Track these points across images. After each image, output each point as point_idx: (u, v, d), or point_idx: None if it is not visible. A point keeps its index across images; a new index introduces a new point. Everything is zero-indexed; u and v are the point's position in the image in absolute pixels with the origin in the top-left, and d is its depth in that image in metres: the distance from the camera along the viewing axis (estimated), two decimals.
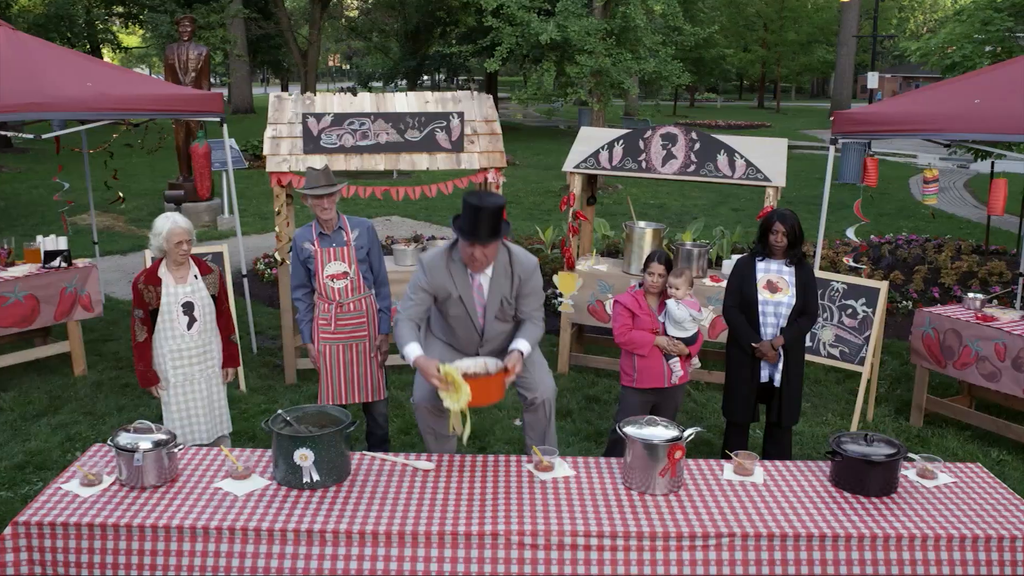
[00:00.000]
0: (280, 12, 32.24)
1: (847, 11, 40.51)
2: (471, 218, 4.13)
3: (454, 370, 3.97)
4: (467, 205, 4.15)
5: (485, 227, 4.13)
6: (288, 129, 6.85)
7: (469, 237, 4.15)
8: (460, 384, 3.92)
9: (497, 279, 4.40)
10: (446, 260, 4.35)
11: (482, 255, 4.22)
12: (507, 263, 4.41)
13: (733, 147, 6.63)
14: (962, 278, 10.19)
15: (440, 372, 3.98)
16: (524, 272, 4.45)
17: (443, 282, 4.35)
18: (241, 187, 17.19)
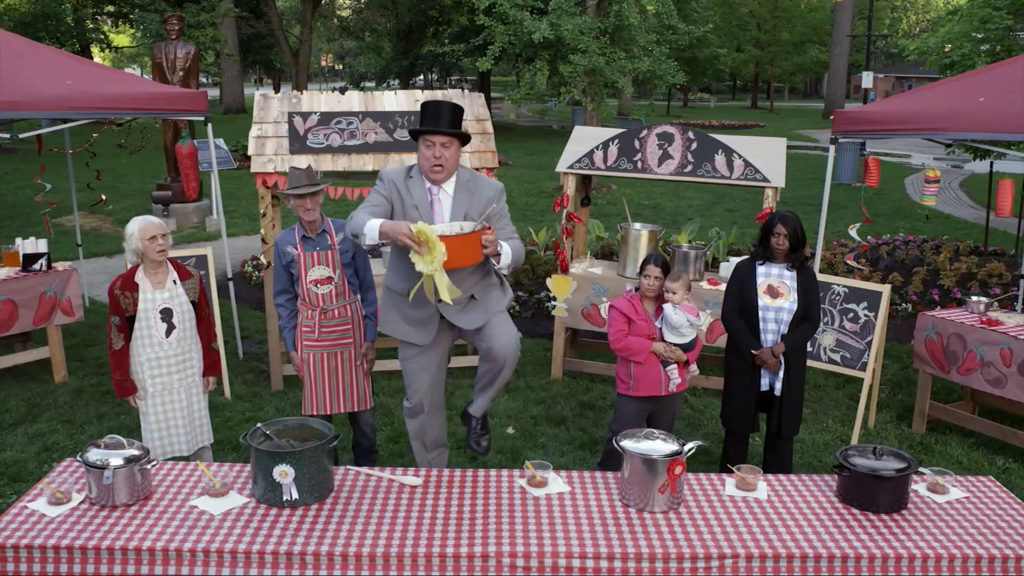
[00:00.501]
0: (271, 11, 32.02)
1: (841, 11, 40.46)
2: (431, 109, 4.10)
3: (428, 228, 3.68)
4: (426, 103, 4.15)
5: (446, 116, 4.08)
6: (274, 128, 6.66)
7: (429, 124, 4.07)
8: (435, 243, 3.66)
9: (458, 196, 4.23)
10: (404, 175, 4.23)
11: (442, 153, 4.08)
12: (469, 180, 4.28)
13: (731, 147, 6.46)
14: (961, 280, 10.05)
15: (412, 231, 3.70)
16: (488, 192, 4.27)
17: (401, 192, 4.18)
18: (230, 187, 16.99)
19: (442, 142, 4.08)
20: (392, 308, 4.38)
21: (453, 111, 4.12)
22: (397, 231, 3.76)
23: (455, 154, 4.16)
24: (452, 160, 4.14)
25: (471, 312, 4.28)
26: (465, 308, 4.27)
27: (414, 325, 4.34)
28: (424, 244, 3.68)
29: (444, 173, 4.14)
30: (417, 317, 4.31)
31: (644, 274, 4.85)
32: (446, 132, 4.08)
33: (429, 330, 4.33)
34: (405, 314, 4.32)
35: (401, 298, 4.27)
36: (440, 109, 4.09)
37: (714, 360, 7.33)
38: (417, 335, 4.35)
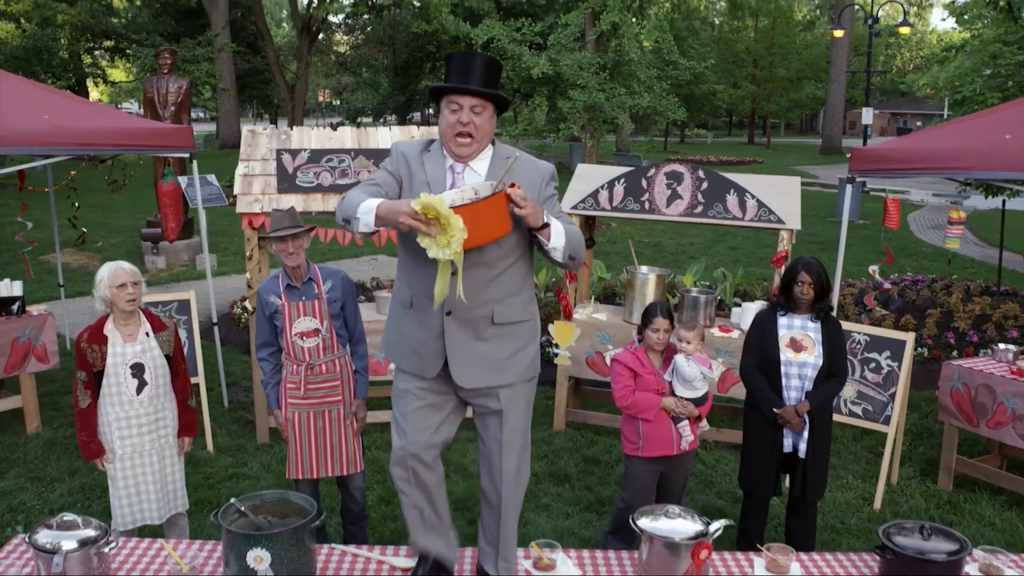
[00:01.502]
0: (267, 46, 31.94)
1: (837, 47, 40.52)
2: (459, 62, 3.23)
3: (434, 199, 2.81)
4: (453, 55, 3.30)
5: (478, 72, 3.19)
6: (261, 166, 6.33)
7: (455, 80, 3.19)
8: (448, 216, 2.79)
9: (495, 170, 3.28)
10: (420, 148, 3.38)
11: (471, 119, 3.18)
12: (509, 156, 3.26)
13: (743, 186, 6.13)
14: (976, 322, 9.71)
15: (415, 208, 2.83)
16: (533, 175, 3.30)
17: (412, 166, 3.32)
18: (223, 224, 16.65)
19: (472, 105, 3.17)
20: (393, 324, 3.51)
21: (488, 65, 3.22)
22: (396, 211, 2.90)
23: (488, 122, 3.24)
24: (484, 129, 3.22)
25: (480, 353, 3.29)
26: (477, 338, 3.28)
27: (416, 349, 3.37)
28: (435, 222, 2.83)
29: (474, 145, 3.23)
30: (421, 337, 3.34)
31: (652, 327, 4.47)
32: (478, 92, 3.17)
33: (435, 361, 3.34)
34: (406, 332, 3.41)
35: (404, 311, 3.40)
36: (470, 63, 3.20)
37: (725, 410, 6.96)
38: (418, 362, 3.36)
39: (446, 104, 3.21)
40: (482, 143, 3.27)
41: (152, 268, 13.17)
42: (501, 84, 4.00)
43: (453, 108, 3.19)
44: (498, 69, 3.30)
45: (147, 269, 13.11)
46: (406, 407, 3.40)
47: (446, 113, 3.22)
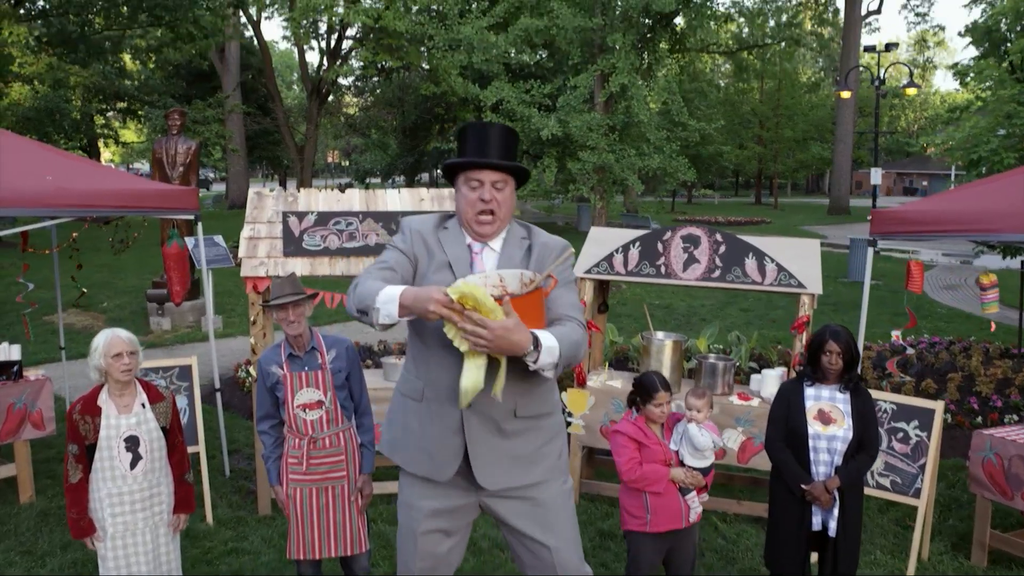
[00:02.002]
0: (277, 108, 32.25)
1: (844, 108, 40.79)
2: (476, 133, 3.02)
3: (477, 289, 2.61)
4: (467, 126, 3.09)
5: (496, 143, 2.99)
6: (267, 229, 6.19)
7: (473, 154, 2.98)
8: (492, 309, 2.61)
9: (508, 253, 3.09)
10: (435, 225, 3.14)
11: (493, 196, 2.98)
12: (524, 236, 3.13)
13: (762, 250, 5.96)
14: (998, 386, 9.45)
15: (449, 296, 2.62)
16: (549, 250, 3.10)
17: (430, 245, 3.09)
18: (229, 286, 16.53)
19: (493, 180, 2.99)
20: (398, 421, 3.21)
21: (505, 136, 3.03)
22: (424, 299, 2.64)
23: (511, 197, 3.06)
24: (507, 205, 3.05)
25: (505, 450, 3.02)
26: (500, 434, 3.01)
27: (428, 448, 3.05)
28: (469, 313, 2.62)
29: (496, 223, 3.03)
30: (434, 435, 3.03)
31: (654, 403, 4.31)
32: (500, 166, 2.99)
33: (450, 461, 3.04)
34: (415, 429, 3.10)
35: (413, 406, 3.11)
36: (488, 133, 3.00)
37: (745, 480, 6.70)
38: (430, 463, 3.06)
39: (464, 180, 3.03)
40: (505, 221, 3.08)
41: (157, 329, 13.02)
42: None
43: (473, 185, 3.00)
44: (516, 139, 3.13)
45: (152, 330, 12.97)
46: (415, 526, 3.15)
47: (465, 190, 3.03)
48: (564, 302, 3.02)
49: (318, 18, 31.78)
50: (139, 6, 18.37)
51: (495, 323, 2.59)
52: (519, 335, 2.64)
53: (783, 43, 39.20)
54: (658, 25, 18.29)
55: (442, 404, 3.01)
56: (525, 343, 2.67)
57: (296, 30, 26.66)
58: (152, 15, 19.23)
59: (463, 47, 17.60)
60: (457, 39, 17.34)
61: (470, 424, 2.99)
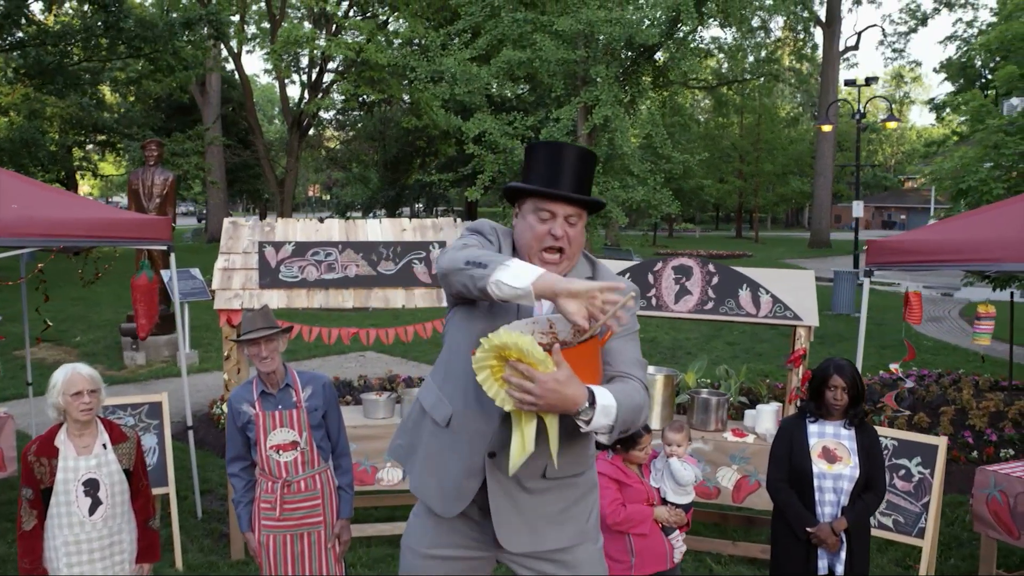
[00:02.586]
0: (257, 140, 32.08)
1: (823, 142, 41.07)
2: (550, 156, 2.63)
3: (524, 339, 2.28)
4: (539, 145, 2.70)
5: (574, 170, 2.61)
6: (242, 260, 5.95)
7: (548, 183, 2.59)
8: (545, 362, 2.28)
9: None
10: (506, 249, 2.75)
11: (565, 232, 2.60)
12: (590, 275, 2.77)
13: (757, 281, 5.78)
14: (991, 419, 9.28)
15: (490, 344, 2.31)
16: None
17: None
18: (207, 320, 16.20)
19: (568, 214, 2.61)
20: (412, 433, 2.90)
21: (584, 162, 2.65)
22: (587, 293, 2.26)
23: (582, 234, 2.69)
24: (578, 243, 2.68)
25: (524, 506, 2.69)
26: (522, 488, 2.69)
27: (440, 480, 2.75)
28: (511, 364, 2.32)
29: (564, 262, 2.65)
30: (451, 470, 2.73)
31: (638, 447, 4.14)
32: (576, 199, 2.61)
33: (458, 501, 2.73)
34: (432, 454, 2.79)
35: (436, 430, 2.78)
36: (563, 157, 2.61)
37: (739, 520, 6.46)
38: (438, 496, 2.75)
39: (533, 209, 2.63)
40: (573, 260, 2.69)
41: (131, 364, 12.69)
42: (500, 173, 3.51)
43: (543, 216, 2.60)
44: (594, 165, 2.74)
45: (126, 365, 12.65)
46: (420, 567, 2.84)
47: (532, 220, 2.62)
48: (626, 357, 2.66)
49: (299, 52, 31.79)
50: (118, 37, 18.18)
51: (544, 375, 2.27)
52: (572, 389, 2.30)
53: (762, 79, 39.49)
54: (641, 58, 18.27)
55: (466, 442, 2.68)
56: (580, 398, 2.32)
57: (277, 62, 26.56)
58: (131, 46, 19.04)
59: (445, 79, 17.50)
60: (439, 71, 17.25)
61: (492, 474, 2.67)
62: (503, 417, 2.56)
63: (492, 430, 2.65)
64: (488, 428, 2.65)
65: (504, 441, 2.57)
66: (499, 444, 2.63)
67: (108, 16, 17.69)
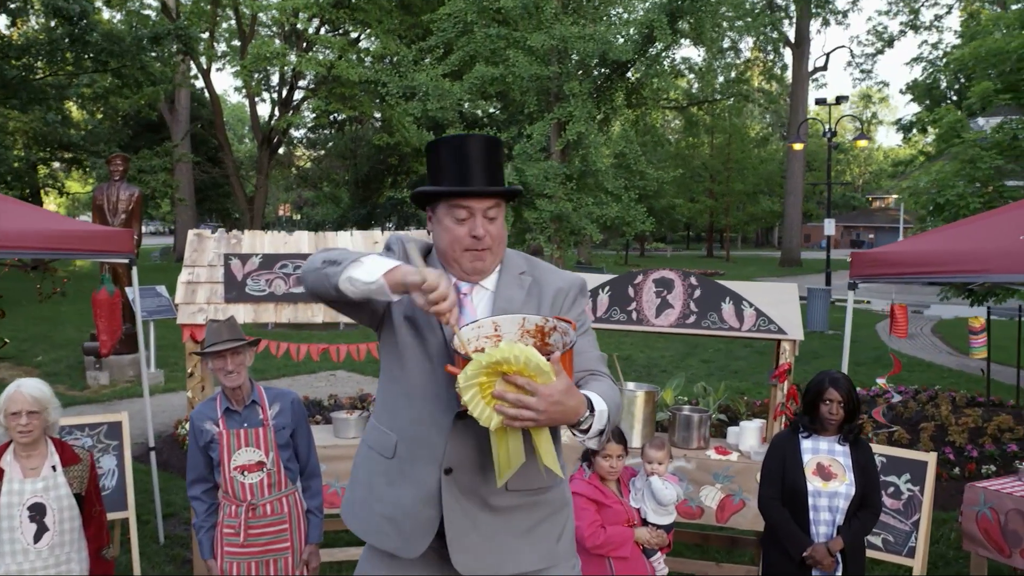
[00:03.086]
0: (227, 158, 31.74)
1: (794, 161, 41.38)
2: (454, 150, 2.40)
3: (528, 351, 2.06)
4: (440, 143, 2.47)
5: (481, 162, 2.38)
6: (207, 273, 5.71)
7: (458, 180, 2.38)
8: (544, 368, 2.05)
9: (504, 294, 2.48)
10: (422, 252, 2.50)
11: (487, 229, 2.40)
12: (524, 271, 2.53)
13: (740, 294, 5.62)
14: (971, 435, 9.20)
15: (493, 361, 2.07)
16: (557, 288, 2.52)
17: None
18: (174, 338, 15.79)
19: (485, 208, 2.40)
20: (362, 480, 2.61)
21: (489, 150, 2.42)
22: (420, 284, 2.12)
23: (503, 225, 2.48)
24: (501, 236, 2.46)
25: (490, 528, 2.44)
26: (485, 507, 2.43)
27: (394, 517, 2.48)
28: (508, 378, 2.07)
29: (490, 259, 2.45)
30: (404, 502, 2.46)
31: (603, 455, 3.94)
32: (491, 192, 2.40)
33: (421, 535, 2.45)
34: (381, 493, 2.52)
35: (382, 464, 2.52)
36: (468, 150, 2.39)
37: (722, 541, 6.27)
38: (396, 536, 2.47)
39: (446, 210, 2.42)
40: (499, 254, 2.49)
41: (94, 384, 12.32)
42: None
43: (459, 216, 2.39)
44: (501, 152, 2.52)
45: (89, 385, 12.29)
46: None
47: (448, 223, 2.41)
48: (590, 355, 2.47)
49: (270, 69, 31.53)
50: (84, 51, 17.85)
51: (546, 387, 2.05)
52: (574, 399, 2.12)
53: (732, 99, 39.76)
54: (614, 75, 18.24)
55: (416, 464, 2.42)
56: (581, 408, 2.15)
57: (247, 79, 26.28)
58: (98, 60, 18.70)
59: (418, 95, 17.34)
60: (412, 86, 17.09)
61: (449, 492, 2.40)
62: (453, 425, 2.37)
63: (444, 443, 2.40)
64: (440, 442, 2.40)
65: (461, 452, 2.38)
66: (455, 457, 2.40)
67: (74, 29, 17.37)
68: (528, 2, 16.41)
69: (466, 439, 2.39)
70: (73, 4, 16.66)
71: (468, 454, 2.39)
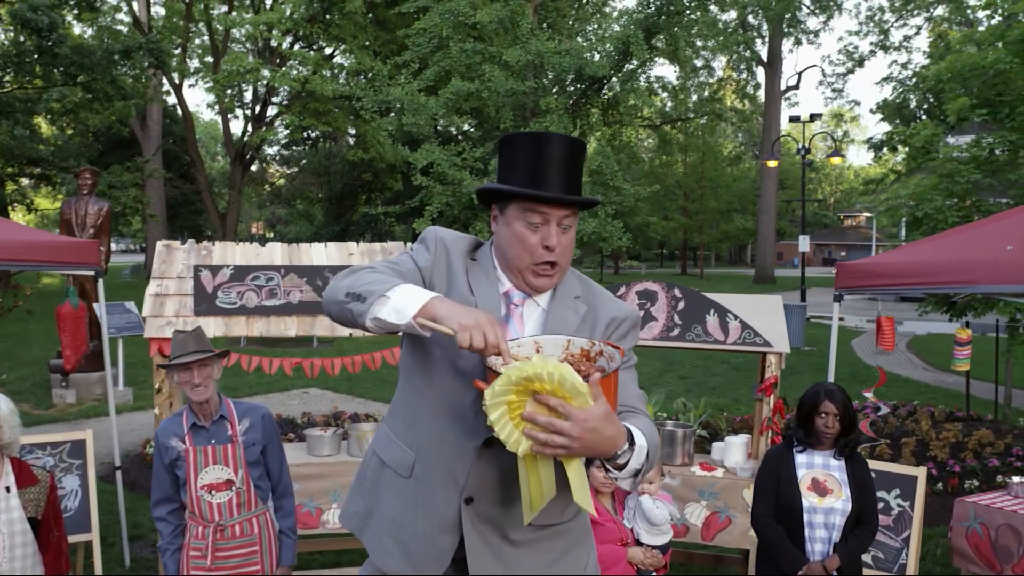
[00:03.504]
0: (199, 174, 31.43)
1: (767, 179, 41.63)
2: (535, 150, 2.14)
3: (565, 368, 1.84)
4: (519, 137, 2.20)
5: (561, 170, 2.13)
6: (176, 285, 5.51)
7: (536, 179, 2.12)
8: (579, 388, 1.84)
9: (556, 314, 2.25)
10: (466, 250, 2.29)
11: (559, 240, 2.16)
12: (579, 295, 2.30)
13: (725, 306, 5.52)
14: (952, 450, 9.15)
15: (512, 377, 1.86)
16: (611, 317, 2.30)
17: (455, 272, 2.25)
18: (143, 356, 15.48)
19: (562, 217, 2.17)
20: (369, 492, 2.39)
21: (575, 158, 2.18)
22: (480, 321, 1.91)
23: (573, 240, 2.25)
24: (570, 251, 2.23)
25: (510, 560, 2.24)
26: (504, 539, 2.24)
27: (406, 541, 2.26)
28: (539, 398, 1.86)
29: (557, 275, 2.23)
30: (419, 528, 2.24)
31: (596, 465, 3.77)
32: (570, 201, 2.15)
33: (433, 563, 2.24)
34: (394, 513, 2.29)
35: (397, 482, 2.29)
36: (552, 150, 2.14)
37: (707, 559, 6.13)
38: (405, 560, 2.26)
39: (519, 212, 2.16)
40: (565, 270, 2.25)
41: (61, 402, 12.01)
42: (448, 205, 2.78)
43: (533, 221, 2.15)
44: (584, 155, 2.27)
45: (55, 404, 11.97)
46: None
47: (518, 226, 2.16)
48: (631, 391, 2.26)
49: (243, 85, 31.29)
50: (53, 63, 17.55)
51: (582, 412, 1.84)
52: (613, 427, 1.90)
53: (705, 117, 39.99)
54: (590, 90, 18.21)
55: (434, 488, 2.20)
56: (620, 439, 1.94)
57: (220, 94, 26.03)
58: (67, 73, 18.40)
59: (393, 110, 17.21)
60: (387, 101, 16.94)
61: (470, 523, 2.19)
62: (479, 451, 2.17)
63: (467, 470, 2.19)
64: (462, 468, 2.19)
65: (484, 481, 2.18)
66: (477, 486, 2.20)
67: (43, 42, 17.08)
68: (504, 17, 16.34)
69: (491, 467, 2.17)
70: (42, 16, 16.40)
71: (491, 484, 2.18)
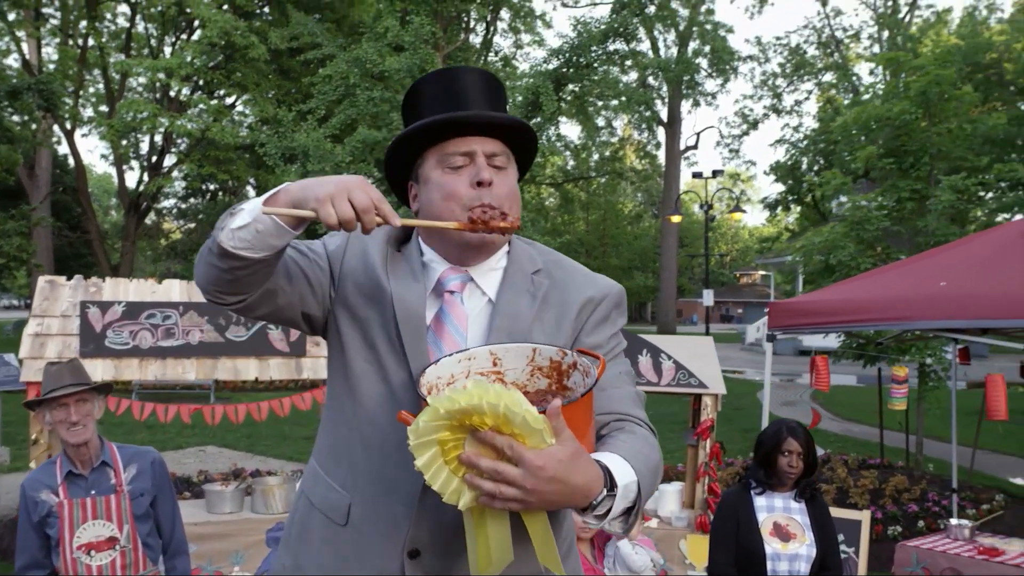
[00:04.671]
0: (90, 223, 30.09)
1: (668, 235, 42.42)
2: (439, 82, 1.75)
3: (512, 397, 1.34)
4: (425, 77, 1.79)
5: (479, 89, 1.73)
6: (60, 324, 4.96)
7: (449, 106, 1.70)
8: (532, 422, 1.34)
9: (512, 303, 1.75)
10: (383, 243, 1.78)
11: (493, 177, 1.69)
12: (538, 271, 1.80)
13: (658, 346, 5.26)
14: (872, 496, 9.12)
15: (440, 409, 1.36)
16: (586, 297, 1.81)
17: (371, 264, 1.75)
18: (24, 413, 14.41)
19: (490, 152, 1.72)
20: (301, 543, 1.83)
21: (494, 87, 1.77)
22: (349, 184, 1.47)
23: (516, 188, 1.77)
24: (513, 200, 1.74)
25: None
26: None
27: None
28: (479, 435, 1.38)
29: (503, 225, 1.71)
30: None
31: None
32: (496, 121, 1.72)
33: None
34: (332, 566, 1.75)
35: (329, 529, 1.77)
36: (464, 81, 1.73)
37: None
38: None
39: (437, 163, 1.72)
40: (514, 228, 1.73)
41: None
42: None
43: (455, 164, 1.70)
44: (505, 93, 1.85)
45: None
46: None
47: (438, 175, 1.71)
48: (620, 393, 1.76)
49: (139, 135, 30.27)
50: None
51: (537, 455, 1.36)
52: (581, 473, 1.42)
53: (606, 176, 40.65)
54: None
55: (373, 539, 1.70)
56: (594, 486, 1.45)
57: (114, 140, 25.02)
58: None
59: (298, 158, 16.72)
60: (292, 147, 16.46)
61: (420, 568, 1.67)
62: (423, 492, 1.65)
63: (410, 517, 1.70)
64: (403, 513, 1.71)
65: (431, 529, 1.69)
66: (423, 535, 1.71)
67: None
68: (413, 66, 16.16)
69: (440, 512, 1.65)
70: None
71: (440, 532, 1.69)
